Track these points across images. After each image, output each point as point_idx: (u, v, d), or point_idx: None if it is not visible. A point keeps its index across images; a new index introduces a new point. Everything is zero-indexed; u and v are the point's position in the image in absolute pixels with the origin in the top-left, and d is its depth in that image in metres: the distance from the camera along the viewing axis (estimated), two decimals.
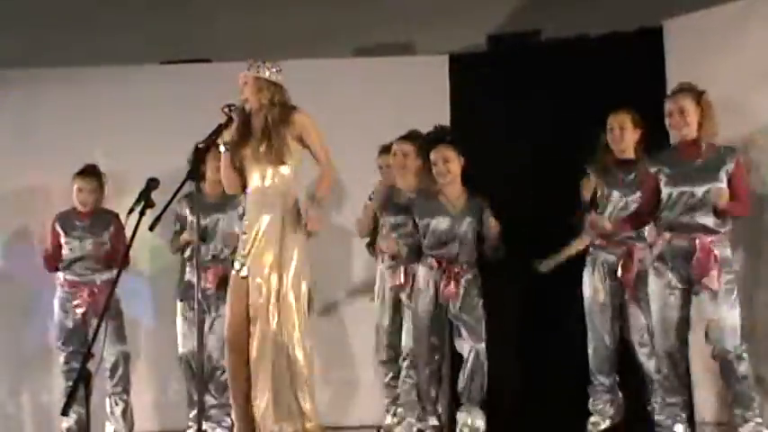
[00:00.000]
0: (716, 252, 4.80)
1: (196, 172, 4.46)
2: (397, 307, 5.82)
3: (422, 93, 6.81)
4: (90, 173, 6.22)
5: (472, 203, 5.57)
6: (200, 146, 4.45)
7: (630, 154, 5.54)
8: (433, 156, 5.54)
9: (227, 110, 4.56)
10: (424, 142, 5.71)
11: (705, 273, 4.77)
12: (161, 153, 6.23)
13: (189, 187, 4.67)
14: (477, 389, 5.48)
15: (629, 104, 5.65)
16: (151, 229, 4.10)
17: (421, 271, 5.55)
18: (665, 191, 4.93)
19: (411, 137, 5.83)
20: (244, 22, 6.56)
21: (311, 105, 6.41)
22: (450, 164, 5.50)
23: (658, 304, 4.94)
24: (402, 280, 5.68)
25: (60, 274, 6.22)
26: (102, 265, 6.17)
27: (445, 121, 6.73)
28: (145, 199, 4.18)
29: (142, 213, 4.11)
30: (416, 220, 5.59)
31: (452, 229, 5.52)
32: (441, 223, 5.53)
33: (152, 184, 4.29)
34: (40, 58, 6.90)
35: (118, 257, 5.97)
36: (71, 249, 6.17)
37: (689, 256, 4.83)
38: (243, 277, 4.58)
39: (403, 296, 5.71)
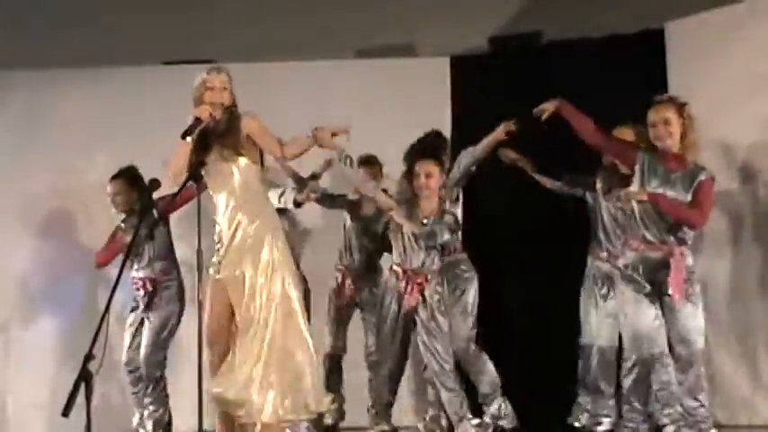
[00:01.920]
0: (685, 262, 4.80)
1: (198, 173, 4.45)
2: None
3: (423, 94, 6.82)
4: (117, 176, 6.14)
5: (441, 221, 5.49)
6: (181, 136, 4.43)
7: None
8: (417, 167, 5.50)
9: (212, 110, 4.54)
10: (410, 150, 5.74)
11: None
12: (163, 154, 6.23)
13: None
14: None
15: (635, 107, 5.65)
16: (152, 229, 4.11)
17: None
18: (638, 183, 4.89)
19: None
20: (246, 24, 6.56)
21: (313, 107, 6.47)
22: (431, 179, 5.47)
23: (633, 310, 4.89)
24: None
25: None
26: None
27: (446, 122, 6.75)
28: (146, 200, 4.19)
29: (143, 213, 4.12)
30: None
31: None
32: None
33: (153, 184, 4.30)
34: (42, 60, 6.91)
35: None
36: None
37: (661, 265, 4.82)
38: (218, 279, 4.54)
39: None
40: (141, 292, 6.02)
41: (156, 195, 4.90)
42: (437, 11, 6.46)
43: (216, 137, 4.58)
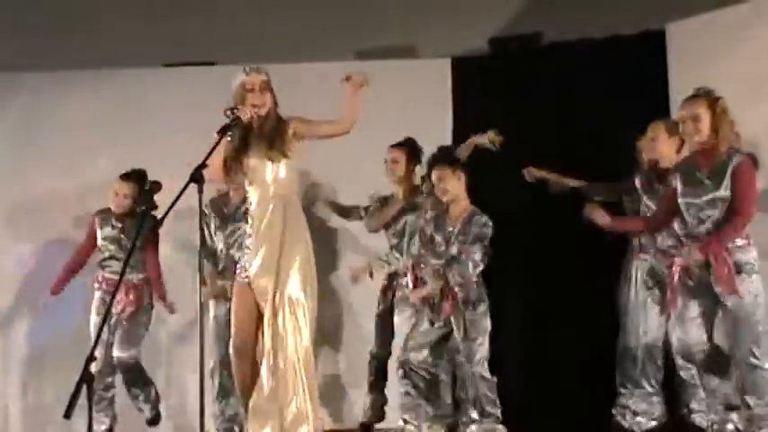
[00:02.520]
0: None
1: (200, 176, 4.44)
2: None
3: (424, 96, 6.81)
4: (128, 177, 6.16)
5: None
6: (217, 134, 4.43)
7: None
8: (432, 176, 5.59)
9: (229, 112, 4.54)
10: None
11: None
12: (164, 156, 6.23)
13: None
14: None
15: (636, 109, 5.65)
16: (153, 230, 4.11)
17: None
18: (680, 201, 4.80)
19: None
20: (246, 25, 6.56)
21: (313, 109, 6.43)
22: (445, 183, 5.53)
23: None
24: None
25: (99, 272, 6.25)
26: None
27: (447, 124, 6.74)
28: (147, 202, 4.18)
29: (145, 215, 4.11)
30: None
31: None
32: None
33: (154, 187, 4.30)
34: (43, 61, 6.90)
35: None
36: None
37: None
38: (247, 284, 4.56)
39: None
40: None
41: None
42: (438, 12, 6.45)
43: (261, 138, 4.59)
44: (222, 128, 4.43)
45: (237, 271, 4.63)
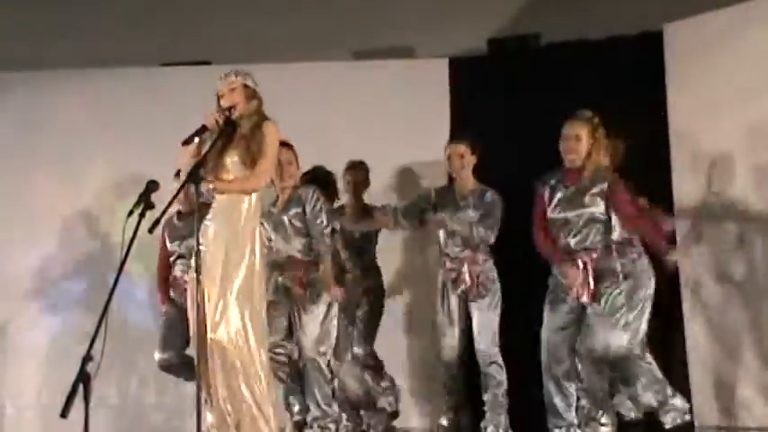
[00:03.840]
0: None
1: (196, 175, 4.44)
2: None
3: (422, 96, 6.81)
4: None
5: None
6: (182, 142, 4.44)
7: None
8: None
9: (218, 116, 4.53)
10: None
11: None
12: (161, 155, 6.23)
13: None
14: None
15: (634, 109, 5.65)
16: (150, 231, 4.10)
17: None
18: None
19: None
20: (243, 25, 6.56)
21: (311, 109, 6.47)
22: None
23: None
24: None
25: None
26: None
27: (445, 124, 6.74)
28: (144, 201, 4.18)
29: (142, 216, 4.11)
30: None
31: None
32: None
33: (151, 186, 4.28)
34: (41, 61, 6.90)
35: None
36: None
37: None
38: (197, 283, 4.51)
39: None
40: None
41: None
42: (435, 12, 6.46)
43: (239, 138, 4.58)
44: (186, 139, 4.46)
45: (189, 273, 4.62)
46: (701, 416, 5.88)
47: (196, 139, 4.49)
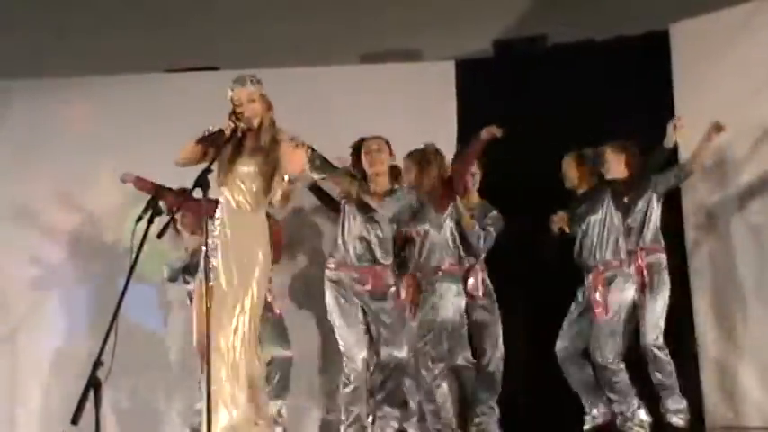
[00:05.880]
0: None
1: (204, 180, 4.45)
2: None
3: (429, 99, 6.81)
4: None
5: None
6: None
7: None
8: None
9: (236, 123, 4.55)
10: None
11: None
12: (168, 161, 6.24)
13: None
14: None
15: (641, 109, 5.65)
16: (159, 236, 4.11)
17: None
18: None
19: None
20: (248, 30, 6.57)
21: (318, 112, 6.47)
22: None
23: None
24: None
25: None
26: None
27: (452, 126, 6.75)
28: (153, 207, 4.19)
29: (150, 221, 4.12)
30: None
31: None
32: None
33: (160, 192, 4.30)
34: (44, 67, 6.91)
35: None
36: None
37: None
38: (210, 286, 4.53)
39: None
40: None
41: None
42: (442, 15, 6.47)
43: (256, 148, 4.61)
44: (201, 138, 4.56)
45: (200, 277, 4.69)
46: (712, 415, 5.88)
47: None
